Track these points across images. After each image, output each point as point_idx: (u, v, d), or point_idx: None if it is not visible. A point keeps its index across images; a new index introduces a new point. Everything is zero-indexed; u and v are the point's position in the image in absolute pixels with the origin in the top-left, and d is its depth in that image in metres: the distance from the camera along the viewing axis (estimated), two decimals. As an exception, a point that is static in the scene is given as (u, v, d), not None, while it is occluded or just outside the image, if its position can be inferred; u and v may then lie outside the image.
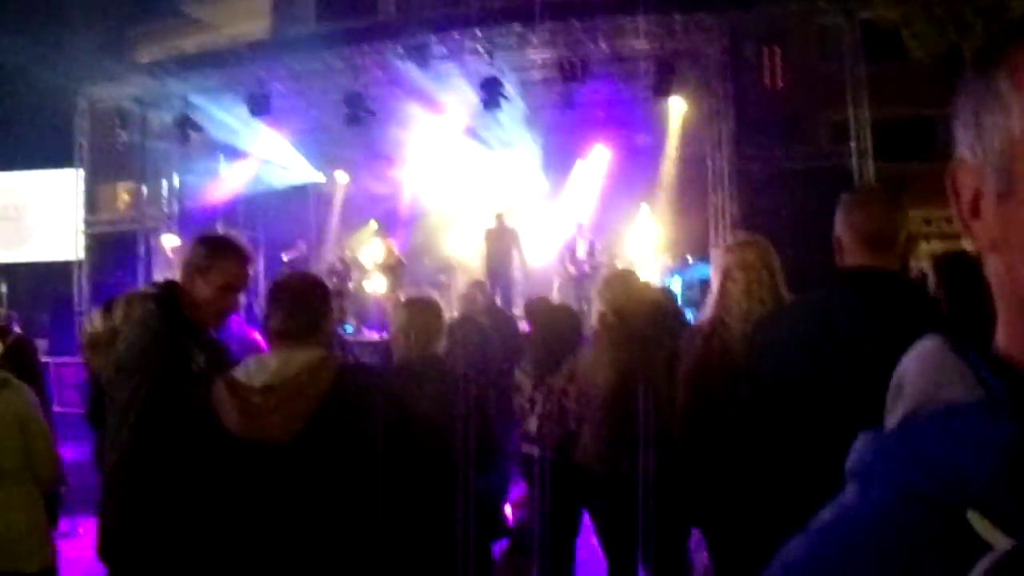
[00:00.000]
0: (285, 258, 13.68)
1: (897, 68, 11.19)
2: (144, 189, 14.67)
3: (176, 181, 14.40)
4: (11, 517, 3.08)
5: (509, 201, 13.43)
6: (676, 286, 10.68)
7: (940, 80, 9.29)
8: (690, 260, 11.18)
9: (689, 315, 6.06)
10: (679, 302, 9.53)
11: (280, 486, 2.20)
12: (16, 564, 3.08)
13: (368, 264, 13.52)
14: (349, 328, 12.00)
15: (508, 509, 4.90)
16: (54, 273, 15.01)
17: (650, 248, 12.26)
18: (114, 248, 14.67)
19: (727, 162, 11.82)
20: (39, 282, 15.47)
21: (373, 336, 11.54)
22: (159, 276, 12.15)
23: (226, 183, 14.80)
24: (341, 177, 16.04)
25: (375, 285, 13.10)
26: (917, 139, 13.94)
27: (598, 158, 13.96)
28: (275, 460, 2.18)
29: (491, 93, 11.92)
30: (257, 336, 4.07)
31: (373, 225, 15.30)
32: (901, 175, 12.36)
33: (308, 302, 2.37)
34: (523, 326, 6.17)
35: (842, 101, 11.95)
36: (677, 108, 12.42)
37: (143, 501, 2.56)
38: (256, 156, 14.44)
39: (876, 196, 2.19)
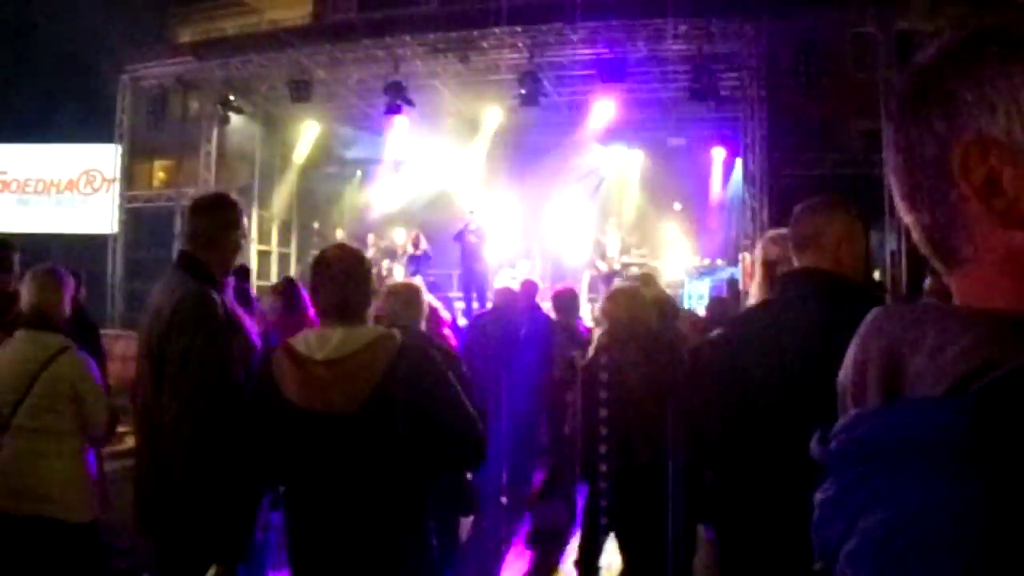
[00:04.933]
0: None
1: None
2: (181, 167, 14.91)
3: (213, 160, 14.65)
4: (59, 470, 3.20)
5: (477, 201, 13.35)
6: (704, 288, 10.83)
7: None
8: (719, 263, 11.31)
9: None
10: (706, 304, 9.74)
11: (338, 456, 2.22)
12: (64, 514, 3.19)
13: (398, 252, 13.67)
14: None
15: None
16: (87, 246, 15.24)
17: (680, 249, 12.39)
18: (150, 223, 14.90)
19: (759, 167, 11.95)
20: (72, 255, 15.69)
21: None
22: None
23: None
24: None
25: (399, 274, 13.20)
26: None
27: (632, 158, 14.09)
28: (335, 430, 2.21)
29: (529, 88, 12.07)
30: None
31: (403, 214, 15.44)
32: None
33: (360, 280, 2.38)
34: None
35: (875, 110, 12.03)
36: (711, 112, 12.53)
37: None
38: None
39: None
